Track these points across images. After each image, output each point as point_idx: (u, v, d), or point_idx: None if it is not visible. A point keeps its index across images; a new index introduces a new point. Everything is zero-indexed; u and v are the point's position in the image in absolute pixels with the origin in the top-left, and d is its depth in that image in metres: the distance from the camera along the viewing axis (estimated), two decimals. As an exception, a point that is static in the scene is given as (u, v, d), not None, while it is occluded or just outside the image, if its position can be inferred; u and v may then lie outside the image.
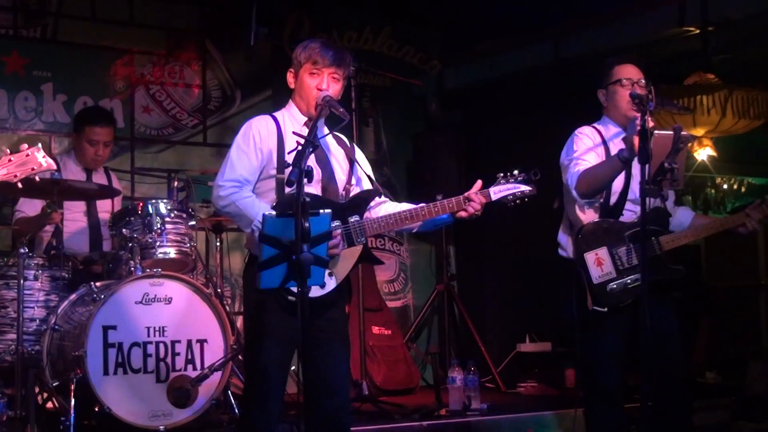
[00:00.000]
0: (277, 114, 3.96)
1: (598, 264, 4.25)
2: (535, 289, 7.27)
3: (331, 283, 3.79)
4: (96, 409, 4.77)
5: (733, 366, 7.21)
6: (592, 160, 4.29)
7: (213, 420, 5.16)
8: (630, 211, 4.32)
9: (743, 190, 10.69)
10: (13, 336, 4.96)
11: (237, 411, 5.17)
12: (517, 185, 3.85)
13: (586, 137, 4.38)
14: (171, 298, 5.05)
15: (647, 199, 3.85)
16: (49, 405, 5.15)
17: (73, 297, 5.13)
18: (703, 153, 7.96)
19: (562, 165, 4.40)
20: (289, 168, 3.44)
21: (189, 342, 5.05)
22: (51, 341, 5.02)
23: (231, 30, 7.10)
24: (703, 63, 6.79)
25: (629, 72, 4.37)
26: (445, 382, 6.06)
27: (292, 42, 3.97)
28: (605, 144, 4.35)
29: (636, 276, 4.18)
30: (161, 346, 4.98)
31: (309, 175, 3.40)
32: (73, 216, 5.72)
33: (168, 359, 4.98)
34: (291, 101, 3.99)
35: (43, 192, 4.98)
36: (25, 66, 6.59)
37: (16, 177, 3.56)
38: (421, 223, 3.91)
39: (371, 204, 3.98)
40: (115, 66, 6.90)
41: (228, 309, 5.78)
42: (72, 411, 4.71)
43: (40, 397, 5.15)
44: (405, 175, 8.02)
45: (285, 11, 7.46)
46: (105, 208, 5.81)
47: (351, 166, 4.03)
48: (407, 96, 8.05)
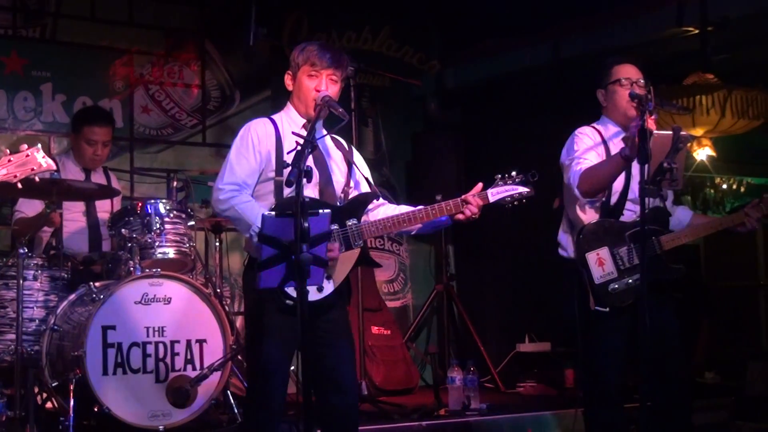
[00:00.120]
0: (275, 116, 3.96)
1: (599, 264, 4.25)
2: (535, 289, 7.27)
3: (329, 287, 3.79)
4: (95, 409, 4.77)
5: (733, 366, 7.21)
6: (592, 159, 4.29)
7: (212, 420, 5.16)
8: (630, 211, 4.32)
9: (742, 190, 10.70)
10: (13, 336, 4.96)
11: (236, 411, 5.17)
12: (515, 187, 3.84)
13: (586, 137, 4.38)
14: (170, 298, 5.04)
15: (647, 199, 3.86)
16: (49, 405, 5.15)
17: (73, 297, 5.12)
18: (703, 153, 7.96)
19: (562, 165, 4.39)
20: (288, 168, 3.44)
21: (188, 342, 5.05)
22: (50, 341, 5.02)
23: (230, 30, 7.10)
24: (702, 63, 6.78)
25: (628, 72, 4.37)
26: (445, 382, 6.07)
27: (291, 42, 3.98)
28: (605, 144, 4.35)
29: (637, 275, 4.18)
30: (160, 346, 4.98)
31: (308, 175, 3.40)
32: (73, 216, 5.71)
33: (167, 359, 4.98)
34: (289, 103, 3.99)
35: (43, 192, 4.98)
36: (25, 66, 6.59)
37: (15, 177, 3.56)
38: (420, 226, 3.91)
39: (369, 207, 3.98)
40: (115, 66, 6.90)
41: (227, 309, 5.77)
42: (71, 411, 4.71)
43: (39, 397, 5.14)
44: (404, 176, 8.01)
45: (284, 11, 7.45)
46: (104, 208, 5.81)
47: (349, 168, 4.03)
48: (406, 96, 8.04)
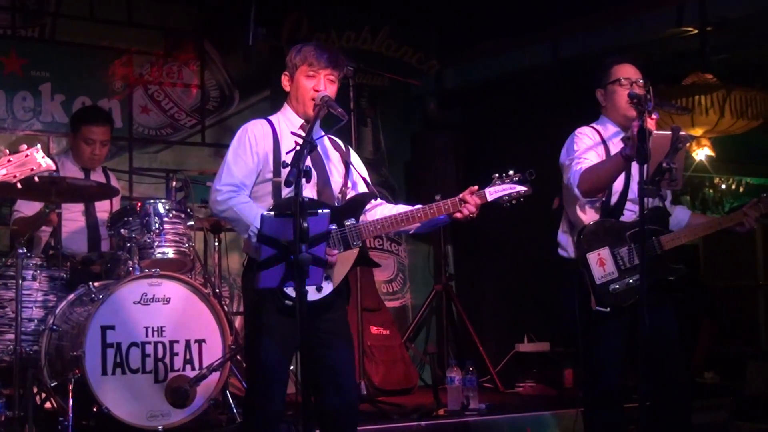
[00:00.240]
0: (272, 118, 3.97)
1: (600, 264, 4.24)
2: (534, 289, 7.27)
3: (328, 287, 3.79)
4: (94, 409, 4.77)
5: (732, 366, 7.21)
6: (592, 159, 4.29)
7: (211, 420, 5.16)
8: (630, 211, 4.31)
9: (741, 190, 10.71)
10: (12, 336, 4.96)
11: (235, 411, 5.17)
12: (513, 185, 3.85)
13: (585, 137, 4.37)
14: (169, 298, 5.04)
15: (647, 199, 3.85)
16: (48, 405, 5.15)
17: (72, 297, 5.12)
18: (702, 153, 7.96)
19: (562, 165, 4.39)
20: (288, 168, 3.44)
21: (187, 342, 5.05)
22: (49, 341, 5.02)
23: (229, 30, 7.10)
24: (702, 63, 6.79)
25: (628, 71, 4.36)
26: (444, 382, 6.06)
27: (290, 42, 3.98)
28: (604, 143, 4.35)
29: (638, 275, 4.17)
30: (159, 346, 4.98)
31: (307, 175, 3.41)
32: (72, 216, 5.71)
33: (166, 359, 4.98)
34: (286, 104, 4.00)
35: (42, 192, 4.98)
36: (24, 66, 6.59)
37: (15, 177, 3.55)
38: (418, 225, 3.91)
39: (367, 207, 3.98)
40: (114, 66, 6.90)
41: (226, 309, 5.77)
42: (70, 411, 4.70)
43: (38, 398, 5.15)
44: (403, 176, 8.01)
45: (283, 11, 7.45)
46: (103, 208, 5.80)
47: (346, 169, 4.04)
48: (406, 96, 8.05)
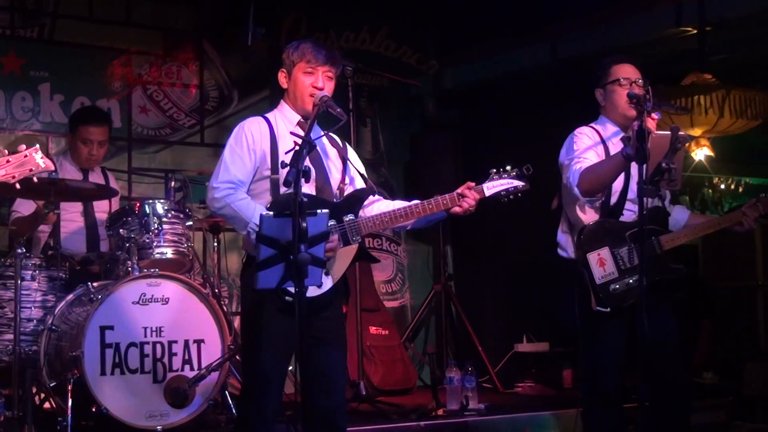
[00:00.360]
0: (269, 115, 3.97)
1: (600, 264, 4.24)
2: (533, 290, 7.27)
3: (328, 283, 3.79)
4: (93, 410, 4.77)
5: (731, 366, 7.21)
6: (592, 158, 4.29)
7: (210, 420, 5.16)
8: (630, 211, 4.31)
9: (740, 190, 10.72)
10: (11, 336, 4.96)
11: (234, 411, 5.17)
12: (511, 180, 3.87)
13: (585, 137, 4.38)
14: (168, 298, 5.04)
15: (646, 199, 3.86)
16: (47, 405, 5.15)
17: (71, 297, 5.12)
18: (701, 153, 7.98)
19: (562, 164, 4.39)
20: (287, 168, 3.44)
21: (186, 342, 5.05)
22: (48, 341, 5.01)
23: (228, 30, 7.10)
24: (701, 63, 6.79)
25: (627, 71, 4.37)
26: (443, 382, 6.06)
27: (289, 42, 3.99)
28: (604, 143, 4.35)
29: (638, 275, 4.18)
30: (158, 346, 4.98)
31: (306, 175, 3.42)
32: (71, 216, 5.71)
33: (165, 359, 4.98)
34: (283, 102, 4.00)
35: (41, 193, 4.98)
36: (23, 66, 6.59)
37: (14, 178, 3.56)
38: (415, 220, 3.92)
39: (365, 202, 3.99)
40: (113, 66, 6.90)
41: (225, 309, 5.77)
42: (69, 411, 4.71)
43: (37, 398, 5.15)
44: (402, 176, 8.01)
45: (282, 11, 7.45)
46: (102, 208, 5.80)
47: (344, 164, 4.05)
48: (405, 96, 8.04)
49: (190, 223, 5.54)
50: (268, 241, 3.38)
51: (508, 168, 3.88)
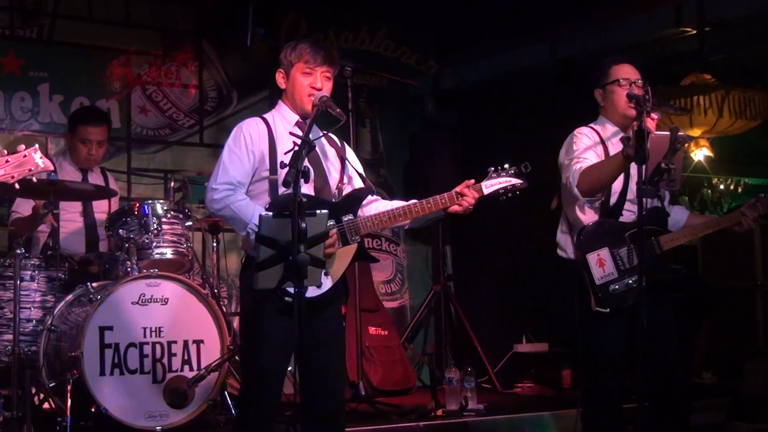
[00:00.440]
0: (267, 115, 3.97)
1: (600, 265, 4.24)
2: (532, 290, 7.27)
3: (327, 283, 3.79)
4: (92, 410, 4.77)
5: (730, 366, 7.20)
6: (592, 158, 4.28)
7: (209, 421, 5.16)
8: (629, 212, 4.31)
9: (740, 190, 10.72)
10: (10, 336, 4.96)
11: (233, 412, 5.16)
12: (509, 179, 3.88)
13: (584, 137, 4.37)
14: (167, 298, 5.04)
15: (645, 200, 3.85)
16: (46, 406, 5.14)
17: (70, 297, 5.12)
18: (700, 153, 7.97)
19: (561, 165, 4.39)
20: (286, 169, 3.44)
21: (185, 342, 5.05)
22: (47, 342, 5.01)
23: (227, 30, 7.10)
24: (700, 63, 6.79)
25: (627, 72, 4.36)
26: (442, 382, 6.06)
27: (288, 42, 4.00)
28: (603, 144, 4.35)
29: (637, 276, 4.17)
30: (158, 346, 4.98)
31: (306, 176, 3.41)
32: (70, 216, 5.71)
33: (164, 360, 4.98)
34: (281, 102, 4.00)
35: (40, 193, 4.98)
36: (22, 66, 6.59)
37: (13, 178, 3.55)
38: (414, 219, 3.92)
39: (363, 202, 3.99)
40: (112, 66, 6.90)
41: (224, 309, 5.77)
42: (68, 412, 4.70)
43: (36, 398, 5.14)
44: (401, 176, 8.01)
45: (282, 11, 7.45)
46: (101, 208, 5.80)
47: (342, 164, 4.04)
48: (404, 96, 8.04)
49: (189, 224, 5.54)
50: (267, 242, 3.37)
51: (506, 166, 3.89)
